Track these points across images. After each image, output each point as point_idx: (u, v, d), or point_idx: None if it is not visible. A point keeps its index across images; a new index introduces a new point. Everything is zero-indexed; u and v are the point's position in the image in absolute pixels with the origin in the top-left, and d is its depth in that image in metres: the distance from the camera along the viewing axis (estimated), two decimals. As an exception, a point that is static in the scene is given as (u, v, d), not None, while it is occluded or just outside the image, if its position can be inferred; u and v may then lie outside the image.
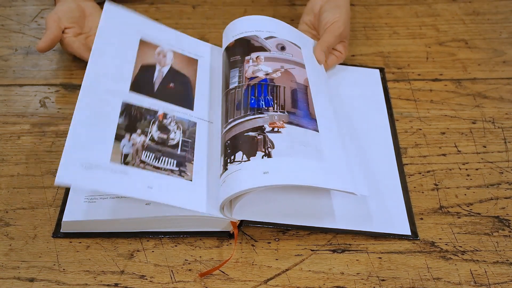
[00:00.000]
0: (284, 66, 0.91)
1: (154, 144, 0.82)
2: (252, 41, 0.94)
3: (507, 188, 0.87)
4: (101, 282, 0.77)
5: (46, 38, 0.99)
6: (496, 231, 0.83)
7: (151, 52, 0.94)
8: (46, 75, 1.03)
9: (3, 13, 1.14)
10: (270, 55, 0.92)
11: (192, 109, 0.90)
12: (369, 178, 0.86)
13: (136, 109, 0.85)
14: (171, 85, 0.91)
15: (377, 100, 0.98)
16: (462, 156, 0.91)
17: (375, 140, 0.92)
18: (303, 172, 0.77)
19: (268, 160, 0.78)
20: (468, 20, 1.14)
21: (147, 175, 0.78)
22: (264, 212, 0.81)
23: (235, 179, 0.77)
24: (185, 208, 0.78)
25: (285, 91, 0.88)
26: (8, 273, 0.77)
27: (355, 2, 1.17)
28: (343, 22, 0.98)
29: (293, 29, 0.99)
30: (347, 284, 0.77)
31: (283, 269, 0.78)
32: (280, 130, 0.82)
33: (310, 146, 0.81)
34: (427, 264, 0.79)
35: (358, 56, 1.07)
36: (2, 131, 0.94)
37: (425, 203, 0.86)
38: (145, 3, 1.16)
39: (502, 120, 0.97)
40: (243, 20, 0.98)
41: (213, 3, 1.17)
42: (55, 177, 0.87)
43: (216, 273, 0.78)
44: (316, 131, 0.84)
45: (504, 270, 0.78)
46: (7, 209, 0.84)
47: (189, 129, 0.87)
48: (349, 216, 0.82)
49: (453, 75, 1.04)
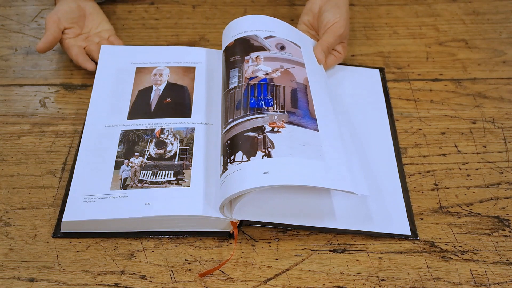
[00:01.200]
0: (284, 66, 0.91)
1: (152, 161, 0.86)
2: (251, 41, 0.94)
3: (507, 188, 0.87)
4: (101, 282, 0.77)
5: (45, 39, 0.99)
6: (496, 231, 0.82)
7: (147, 76, 0.98)
8: (46, 75, 1.03)
9: (3, 13, 1.14)
10: (270, 54, 0.92)
11: (190, 117, 0.92)
12: (369, 178, 0.86)
13: (133, 134, 0.89)
14: (167, 100, 0.94)
15: (377, 100, 0.98)
16: (462, 156, 0.91)
17: (375, 140, 0.92)
18: (303, 172, 0.77)
19: (268, 160, 0.78)
20: (468, 20, 1.14)
21: (145, 193, 0.82)
22: (264, 212, 0.81)
23: (235, 179, 0.77)
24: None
25: (285, 90, 0.87)
26: (8, 273, 0.77)
27: (355, 2, 1.17)
28: (343, 22, 0.98)
29: (293, 28, 0.99)
30: (347, 284, 0.77)
31: (283, 269, 0.78)
32: (280, 130, 0.82)
33: (310, 146, 0.81)
34: (427, 264, 0.79)
35: (358, 56, 1.07)
36: (2, 131, 0.94)
37: (425, 203, 0.86)
38: (145, 3, 1.16)
39: (502, 120, 0.97)
40: (242, 20, 0.98)
41: (213, 3, 1.17)
42: (55, 177, 0.88)
43: (216, 273, 0.78)
44: (316, 130, 0.84)
45: (504, 270, 0.78)
46: (7, 209, 0.84)
47: (187, 136, 0.89)
48: (349, 216, 0.82)
49: (453, 75, 1.04)
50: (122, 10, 1.15)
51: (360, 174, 0.83)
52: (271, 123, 0.83)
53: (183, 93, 0.95)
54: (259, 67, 0.90)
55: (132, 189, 0.83)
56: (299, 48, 0.95)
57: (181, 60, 1.00)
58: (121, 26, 1.12)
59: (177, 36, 1.10)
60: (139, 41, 1.09)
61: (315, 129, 0.84)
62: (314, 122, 0.85)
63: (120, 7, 1.15)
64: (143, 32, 1.11)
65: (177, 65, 0.99)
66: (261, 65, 0.90)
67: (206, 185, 0.83)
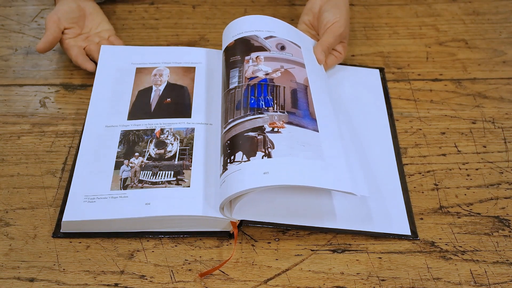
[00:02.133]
0: (284, 66, 0.91)
1: (152, 162, 0.86)
2: (252, 41, 0.94)
3: (507, 188, 0.87)
4: (101, 282, 0.77)
5: (45, 39, 0.99)
6: (496, 231, 0.82)
7: (147, 76, 0.98)
8: (46, 75, 1.03)
9: (3, 13, 1.14)
10: (270, 54, 0.92)
11: (190, 117, 0.92)
12: (369, 178, 0.86)
13: (133, 134, 0.89)
14: (167, 100, 0.94)
15: (377, 100, 0.98)
16: (462, 156, 0.91)
17: (375, 140, 0.92)
18: (303, 173, 0.77)
19: (268, 160, 0.78)
20: (468, 20, 1.14)
21: (145, 193, 0.82)
22: (264, 212, 0.81)
23: (235, 179, 0.77)
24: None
25: (285, 91, 0.87)
26: (8, 273, 0.77)
27: (355, 2, 1.17)
28: (343, 22, 0.98)
29: (293, 28, 0.99)
30: (347, 284, 0.77)
31: (283, 269, 0.78)
32: (280, 130, 0.82)
33: (310, 146, 0.81)
34: (427, 264, 0.79)
35: (358, 56, 1.07)
36: (2, 131, 0.94)
37: (425, 203, 0.86)
38: (145, 3, 1.16)
39: (502, 120, 0.97)
40: (242, 20, 0.98)
41: (213, 3, 1.17)
42: (55, 177, 0.87)
43: (216, 273, 0.78)
44: (316, 131, 0.83)
45: (504, 270, 0.78)
46: (7, 209, 0.84)
47: (187, 136, 0.89)
48: (349, 216, 0.82)
49: (453, 75, 1.04)
50: (122, 10, 1.15)
51: (360, 174, 0.83)
52: (271, 123, 0.83)
53: (183, 93, 0.95)
54: (259, 67, 0.90)
55: (132, 189, 0.83)
56: (299, 48, 0.95)
57: (181, 60, 1.00)
58: (121, 26, 1.12)
59: (177, 36, 1.10)
60: (139, 41, 1.09)
61: (315, 129, 0.84)
62: (314, 123, 0.85)
63: (120, 7, 1.15)
64: (143, 32, 1.11)
65: (177, 65, 0.99)
66: (261, 65, 0.90)
67: (206, 185, 0.83)
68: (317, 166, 0.79)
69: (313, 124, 0.84)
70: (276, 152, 0.79)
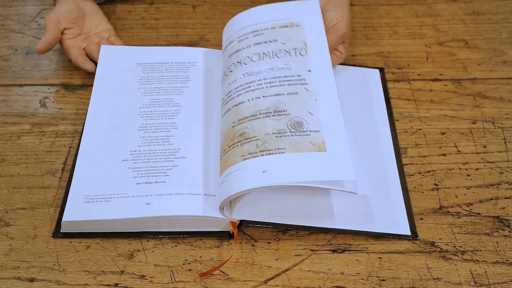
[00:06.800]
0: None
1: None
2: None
3: (507, 188, 0.87)
4: (101, 282, 0.77)
5: (44, 40, 0.99)
6: (496, 231, 0.83)
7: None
8: (46, 75, 1.03)
9: (3, 13, 1.14)
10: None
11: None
12: (369, 178, 0.86)
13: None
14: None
15: (377, 100, 0.98)
16: (462, 156, 0.91)
17: (375, 140, 0.92)
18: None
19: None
20: (468, 20, 1.14)
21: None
22: (264, 212, 0.81)
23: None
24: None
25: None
26: (8, 273, 0.77)
27: (355, 2, 1.17)
28: (346, 22, 0.98)
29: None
30: (347, 284, 0.77)
31: (283, 269, 0.78)
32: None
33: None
34: (427, 264, 0.79)
35: (358, 56, 1.07)
36: (2, 131, 0.94)
37: (425, 203, 0.86)
38: (145, 3, 1.16)
39: (502, 120, 0.97)
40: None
41: (213, 3, 1.17)
42: (55, 177, 0.87)
43: (216, 273, 0.78)
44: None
45: (504, 270, 0.78)
46: (7, 209, 0.84)
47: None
48: (349, 216, 0.82)
49: (453, 75, 1.04)
50: (122, 10, 1.15)
51: (360, 174, 0.83)
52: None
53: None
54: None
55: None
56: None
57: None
58: (121, 26, 1.12)
59: (177, 36, 1.10)
60: (139, 41, 1.09)
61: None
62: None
63: (120, 7, 1.15)
64: (143, 32, 1.11)
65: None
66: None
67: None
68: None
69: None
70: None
